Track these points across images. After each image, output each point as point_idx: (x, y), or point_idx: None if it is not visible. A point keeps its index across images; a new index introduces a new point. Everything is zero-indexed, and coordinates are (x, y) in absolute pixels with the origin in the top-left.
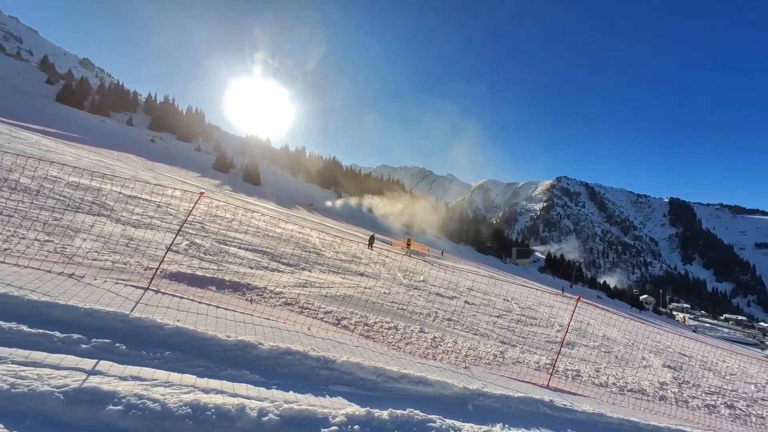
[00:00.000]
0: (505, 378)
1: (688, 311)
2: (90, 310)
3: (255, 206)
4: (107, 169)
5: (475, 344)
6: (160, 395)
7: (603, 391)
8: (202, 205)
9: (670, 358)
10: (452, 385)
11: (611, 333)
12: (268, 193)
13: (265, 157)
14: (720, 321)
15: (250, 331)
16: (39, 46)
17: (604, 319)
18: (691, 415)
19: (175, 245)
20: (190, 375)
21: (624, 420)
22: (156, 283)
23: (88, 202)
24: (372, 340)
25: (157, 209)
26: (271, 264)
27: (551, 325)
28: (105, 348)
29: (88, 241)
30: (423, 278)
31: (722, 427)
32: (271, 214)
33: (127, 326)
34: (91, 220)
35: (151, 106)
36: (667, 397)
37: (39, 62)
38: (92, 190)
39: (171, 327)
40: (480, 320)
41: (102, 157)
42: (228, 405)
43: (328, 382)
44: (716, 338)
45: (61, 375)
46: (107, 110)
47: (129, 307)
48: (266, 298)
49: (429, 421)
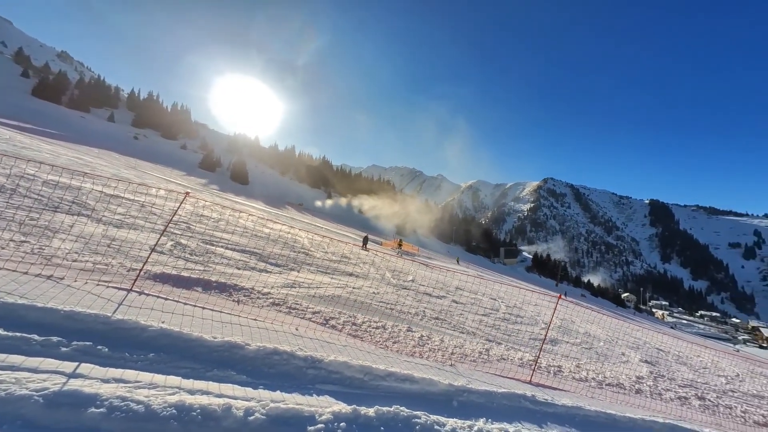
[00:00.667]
0: (489, 374)
1: (666, 308)
2: (70, 312)
3: (243, 206)
4: (87, 166)
5: (461, 342)
6: (144, 397)
7: (583, 385)
8: (187, 204)
9: (647, 353)
10: (438, 382)
11: (593, 330)
12: (256, 193)
13: (254, 156)
14: (696, 317)
15: (237, 332)
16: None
17: (586, 317)
18: (665, 407)
19: (160, 246)
20: (175, 376)
21: (601, 412)
22: (140, 285)
23: (68, 201)
24: (360, 340)
25: (140, 209)
26: (258, 264)
27: (536, 323)
28: (86, 350)
29: (67, 242)
30: (412, 278)
31: (692, 417)
32: (259, 214)
33: (110, 328)
34: (70, 220)
35: (134, 102)
36: (643, 390)
37: (13, 54)
38: (71, 188)
39: (155, 328)
40: (467, 319)
41: (81, 154)
42: (214, 405)
43: (316, 382)
44: (692, 334)
45: (40, 378)
46: (87, 106)
47: (111, 309)
48: (254, 298)
49: (414, 417)
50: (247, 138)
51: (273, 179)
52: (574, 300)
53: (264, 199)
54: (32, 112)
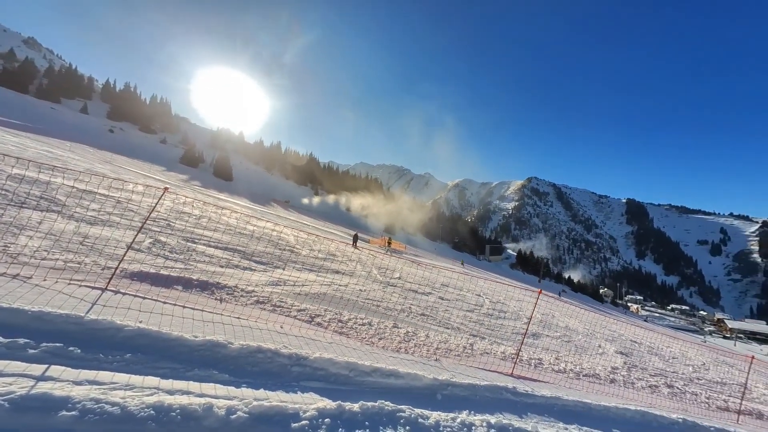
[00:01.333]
0: (473, 368)
1: (641, 302)
2: (39, 312)
3: (226, 203)
4: (58, 160)
5: (446, 338)
6: (119, 398)
7: (562, 376)
8: (167, 201)
9: (622, 345)
10: (423, 377)
11: (573, 324)
12: (240, 190)
13: (238, 152)
14: (667, 311)
15: (219, 331)
16: None
17: (567, 312)
18: (636, 395)
19: (137, 243)
20: (153, 377)
21: (578, 402)
22: (115, 284)
23: (35, 196)
24: (346, 336)
25: (116, 205)
26: (242, 262)
27: (519, 318)
28: (56, 352)
29: (35, 239)
30: (399, 275)
31: (661, 404)
32: (244, 212)
33: (82, 329)
34: (38, 217)
35: (110, 93)
36: (617, 380)
37: None
38: (39, 183)
39: (132, 328)
40: (452, 315)
41: (52, 147)
42: (194, 405)
43: (300, 379)
44: (663, 326)
45: (6, 382)
46: (57, 96)
47: (84, 308)
48: (237, 296)
49: (399, 411)
50: (231, 133)
51: (258, 176)
52: (554, 296)
53: (249, 196)
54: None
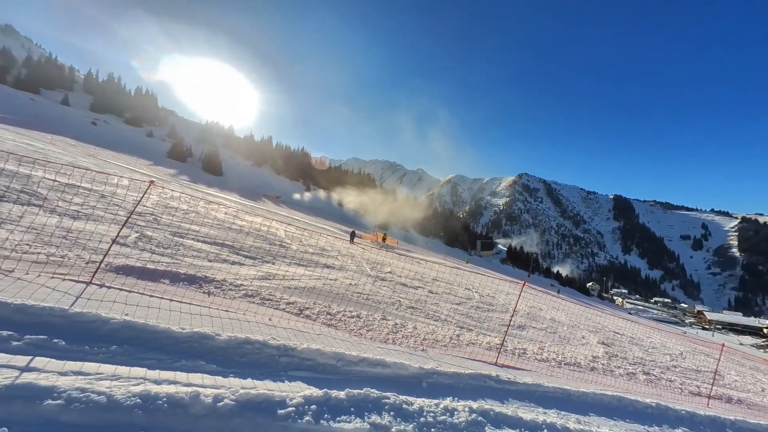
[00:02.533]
0: (458, 358)
1: (625, 296)
2: (21, 305)
3: (216, 198)
4: (38, 153)
5: (433, 329)
6: (105, 388)
7: (544, 365)
8: (154, 195)
9: (605, 336)
10: (409, 366)
11: (558, 316)
12: (230, 185)
13: (228, 146)
14: (650, 303)
15: (207, 323)
16: None
17: (553, 304)
18: (614, 382)
19: (123, 237)
20: (139, 368)
21: (558, 388)
22: (100, 277)
23: (15, 190)
24: (334, 328)
25: (100, 199)
26: (231, 257)
27: (507, 311)
28: (40, 344)
29: (16, 233)
30: (390, 270)
31: (637, 389)
32: (233, 207)
33: (67, 321)
34: (19, 210)
35: (92, 84)
36: (597, 368)
37: None
38: (20, 176)
39: (118, 321)
40: (441, 308)
41: (32, 140)
42: (181, 393)
43: (288, 369)
44: (646, 318)
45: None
46: (36, 87)
47: (68, 302)
48: (225, 290)
49: (384, 398)
50: (221, 127)
51: (249, 171)
52: (543, 289)
53: (239, 191)
54: None
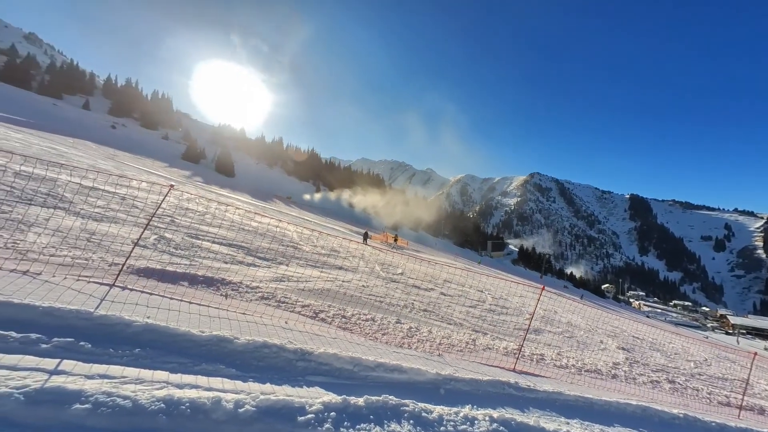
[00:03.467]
0: (475, 363)
1: (643, 298)
2: (49, 308)
3: (229, 199)
4: (62, 157)
5: (449, 333)
6: (130, 392)
7: (563, 372)
8: (171, 197)
9: (624, 340)
10: (426, 372)
11: (575, 320)
12: (242, 186)
13: (240, 148)
14: (669, 306)
15: (225, 326)
16: None
17: (569, 307)
18: (638, 390)
19: (143, 240)
20: (162, 371)
21: (579, 397)
22: (122, 280)
23: (42, 194)
24: (349, 332)
25: (121, 202)
26: (246, 258)
27: (521, 314)
28: (68, 347)
29: (43, 236)
30: (401, 271)
31: (663, 399)
32: (246, 208)
33: (92, 324)
34: (46, 214)
35: (111, 89)
36: (619, 376)
37: None
38: (46, 180)
39: (140, 324)
40: (455, 310)
41: (55, 144)
42: (203, 398)
43: (306, 373)
44: (665, 322)
45: (20, 376)
46: (59, 92)
47: (93, 304)
48: (242, 292)
49: (403, 405)
50: (233, 129)
51: (260, 172)
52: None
53: (250, 192)
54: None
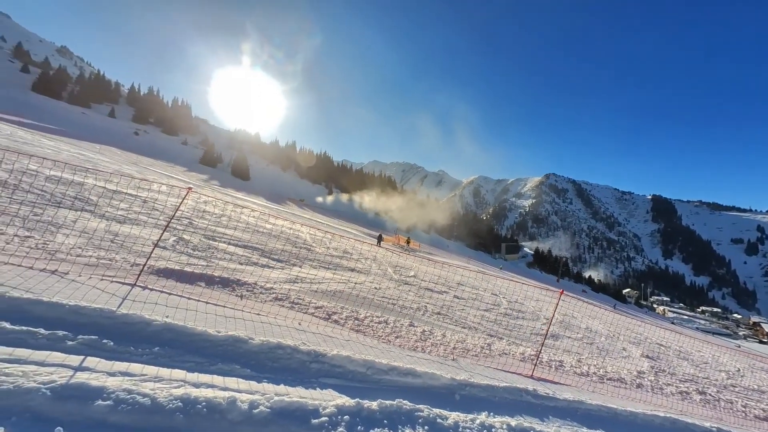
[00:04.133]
0: (491, 369)
1: (667, 304)
2: (75, 306)
3: (244, 202)
4: (89, 162)
5: (463, 337)
6: (149, 390)
7: (584, 380)
8: (189, 200)
9: (648, 348)
10: (440, 376)
11: (594, 325)
12: (257, 189)
13: (255, 152)
14: (697, 313)
15: (240, 327)
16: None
17: (588, 312)
18: (665, 401)
19: (163, 241)
20: (179, 370)
21: (602, 406)
22: (143, 280)
23: (70, 197)
24: (362, 334)
25: (142, 205)
26: (261, 260)
27: (537, 318)
28: (92, 344)
29: (71, 237)
30: (413, 273)
31: (693, 411)
32: (260, 210)
33: (115, 323)
34: (73, 216)
35: (135, 97)
36: (644, 385)
37: (12, 49)
38: (74, 184)
39: (159, 323)
40: (468, 314)
41: (83, 150)
42: (219, 398)
43: (319, 375)
44: (693, 329)
45: (48, 371)
46: (87, 101)
47: (116, 303)
48: (257, 293)
49: (417, 410)
50: (248, 134)
51: (274, 175)
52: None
53: (265, 194)
54: (32, 107)
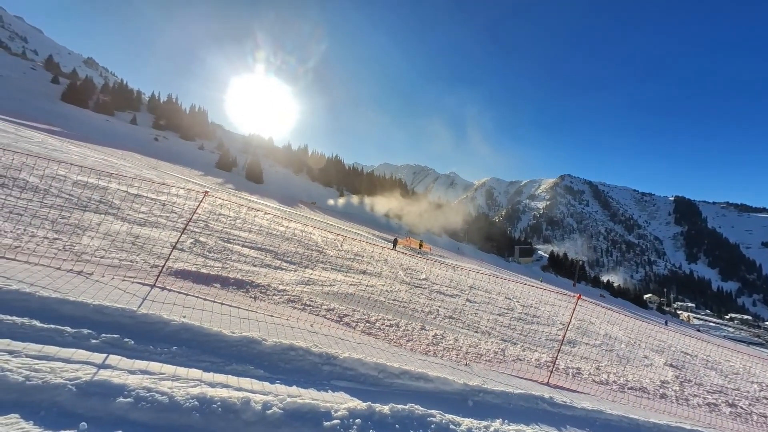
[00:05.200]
0: (505, 375)
1: (692, 310)
2: (99, 306)
3: (258, 205)
4: (112, 167)
5: (476, 342)
6: (167, 388)
7: (603, 388)
8: (205, 203)
9: (672, 356)
10: (453, 382)
11: (613, 331)
12: (270, 192)
13: (268, 156)
14: (725, 320)
15: (254, 328)
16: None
17: (606, 318)
18: (692, 413)
19: (180, 243)
20: (196, 369)
21: (623, 417)
22: (162, 281)
23: (95, 200)
24: (374, 337)
25: (162, 208)
26: (274, 262)
27: (553, 324)
28: (114, 343)
29: (95, 239)
30: (425, 276)
31: (723, 425)
32: (273, 213)
33: (135, 322)
34: (98, 219)
35: (155, 105)
36: (668, 395)
37: (44, 61)
38: (98, 188)
39: (177, 323)
40: (481, 318)
41: (107, 155)
42: (233, 398)
43: (331, 378)
44: (721, 338)
45: (73, 368)
46: (111, 109)
47: (136, 303)
48: (270, 295)
49: (429, 416)
50: (261, 138)
51: (286, 178)
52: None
53: (278, 197)
54: (62, 116)
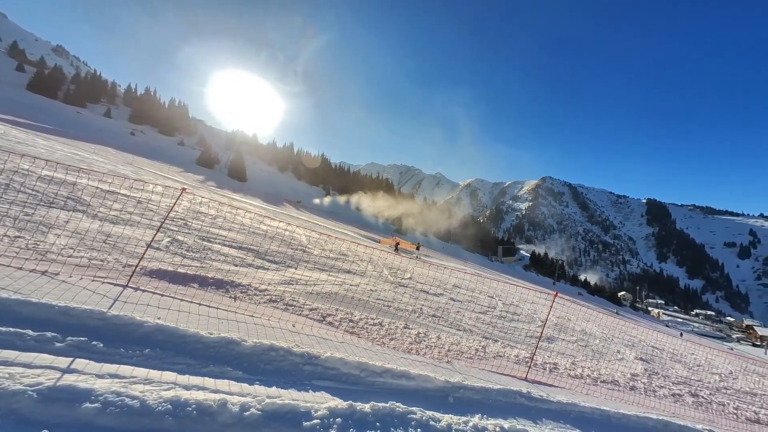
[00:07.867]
0: (485, 371)
1: (662, 307)
2: (65, 308)
3: (241, 203)
4: (83, 162)
5: (458, 339)
6: (139, 392)
7: (578, 382)
8: (184, 201)
9: (643, 351)
10: (434, 379)
11: (589, 328)
12: (254, 190)
13: (252, 153)
14: (691, 316)
15: (233, 329)
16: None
17: (583, 315)
18: (658, 404)
19: (156, 242)
20: (170, 372)
21: (596, 409)
22: (135, 281)
23: (63, 197)
24: (357, 336)
25: (137, 205)
26: (256, 261)
27: (533, 321)
28: (81, 346)
29: (62, 238)
30: (410, 275)
31: (686, 413)
32: (257, 212)
33: (105, 324)
34: (65, 216)
35: (131, 97)
36: (638, 387)
37: (8, 48)
38: (67, 184)
39: (151, 324)
40: (464, 316)
41: (77, 149)
42: (209, 401)
43: (312, 378)
44: (687, 332)
45: (35, 374)
46: (83, 101)
47: (107, 304)
48: (250, 295)
49: (410, 413)
50: (246, 135)
51: (271, 176)
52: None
53: (262, 196)
54: (27, 106)
